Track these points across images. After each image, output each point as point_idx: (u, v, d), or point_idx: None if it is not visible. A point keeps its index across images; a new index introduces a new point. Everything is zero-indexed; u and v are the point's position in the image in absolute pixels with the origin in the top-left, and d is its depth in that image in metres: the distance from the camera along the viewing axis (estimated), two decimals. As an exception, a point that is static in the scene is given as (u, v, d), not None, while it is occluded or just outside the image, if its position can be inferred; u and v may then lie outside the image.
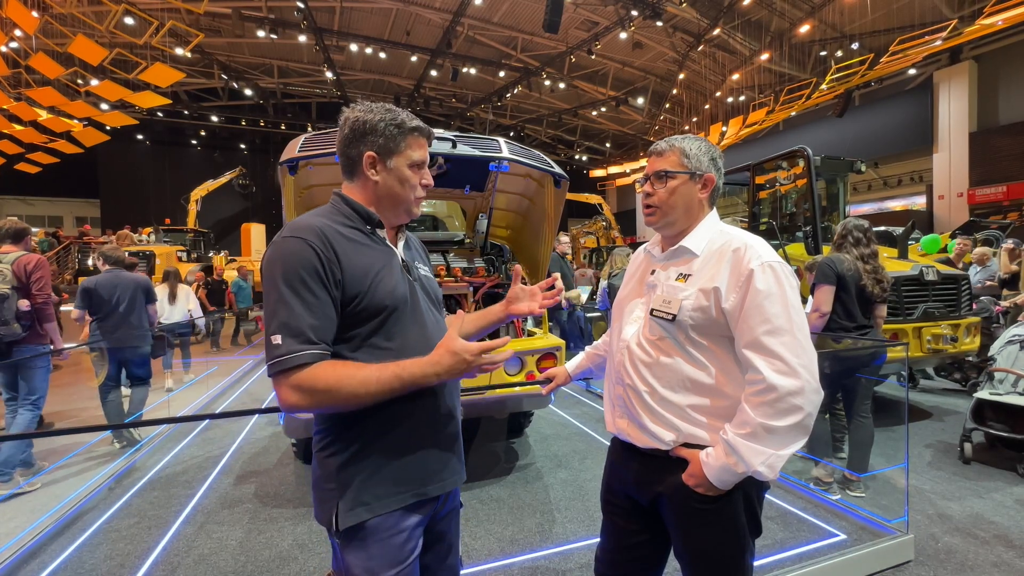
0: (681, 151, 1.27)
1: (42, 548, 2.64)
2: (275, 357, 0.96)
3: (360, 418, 1.06)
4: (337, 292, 1.02)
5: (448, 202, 5.29)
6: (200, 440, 4.34)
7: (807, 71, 15.64)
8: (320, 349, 0.98)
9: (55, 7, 11.12)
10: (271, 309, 0.99)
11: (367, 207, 1.13)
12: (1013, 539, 2.55)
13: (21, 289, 3.34)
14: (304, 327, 0.97)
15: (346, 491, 1.05)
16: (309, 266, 0.99)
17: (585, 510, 2.93)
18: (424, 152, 1.16)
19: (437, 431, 1.15)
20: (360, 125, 1.10)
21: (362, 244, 1.09)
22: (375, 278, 1.06)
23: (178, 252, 13.20)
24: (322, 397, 0.96)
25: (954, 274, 4.41)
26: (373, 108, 1.12)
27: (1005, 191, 12.92)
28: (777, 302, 1.10)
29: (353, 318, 1.05)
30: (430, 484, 1.13)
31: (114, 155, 21.73)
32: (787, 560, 2.37)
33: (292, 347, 0.96)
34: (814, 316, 3.05)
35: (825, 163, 5.27)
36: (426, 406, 1.13)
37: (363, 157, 1.11)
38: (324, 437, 1.10)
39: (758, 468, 1.08)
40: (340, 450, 1.07)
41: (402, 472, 1.09)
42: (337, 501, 1.05)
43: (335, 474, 1.07)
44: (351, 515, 1.05)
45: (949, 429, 4.16)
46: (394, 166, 1.12)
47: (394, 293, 1.08)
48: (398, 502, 1.08)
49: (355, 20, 15.55)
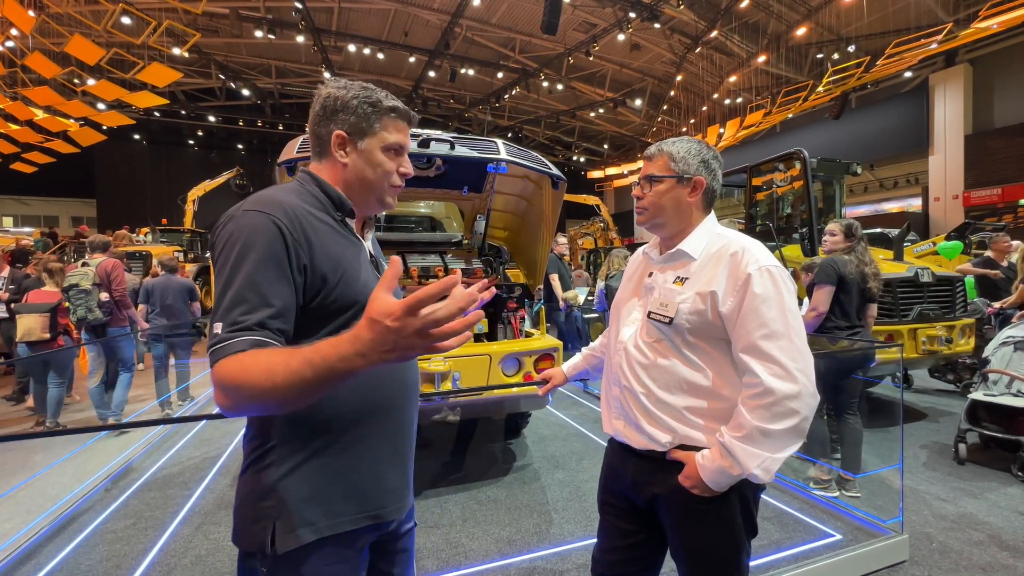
0: (669, 155, 1.28)
1: (38, 549, 2.63)
2: (210, 346, 0.80)
3: (304, 420, 0.91)
4: (300, 278, 0.88)
5: (446, 203, 5.30)
6: (197, 441, 4.33)
7: (804, 73, 15.70)
8: (258, 335, 0.80)
9: (52, 6, 11.08)
10: (220, 290, 0.84)
11: (338, 191, 1.02)
12: (1007, 539, 2.57)
13: (103, 286, 4.47)
14: (251, 312, 0.81)
15: (286, 508, 0.89)
16: (271, 244, 0.85)
17: (582, 511, 2.93)
18: (402, 136, 1.04)
19: (399, 439, 1.02)
20: (332, 102, 0.99)
21: (332, 231, 0.97)
22: (346, 269, 0.94)
23: (175, 252, 13.15)
24: (235, 394, 0.75)
25: (949, 276, 4.44)
26: (349, 85, 1.01)
27: (1000, 193, 12.99)
28: (774, 306, 1.11)
29: (319, 311, 0.91)
30: (389, 505, 0.99)
31: (111, 155, 21.63)
32: (783, 560, 2.39)
33: (225, 335, 0.79)
34: (811, 315, 3.06)
35: (821, 165, 5.30)
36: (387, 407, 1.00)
37: (332, 136, 1.00)
38: (260, 446, 0.93)
39: (754, 471, 1.09)
40: (280, 460, 0.91)
41: (356, 488, 0.95)
42: (275, 520, 0.89)
43: (273, 489, 0.90)
44: (292, 536, 0.88)
45: (944, 430, 4.19)
46: (365, 148, 1.00)
47: (365, 288, 0.95)
48: (350, 523, 0.93)
49: (353, 20, 15.53)
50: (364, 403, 0.96)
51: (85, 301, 4.40)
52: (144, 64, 10.30)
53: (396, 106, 1.03)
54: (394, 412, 1.01)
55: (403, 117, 1.04)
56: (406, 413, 1.04)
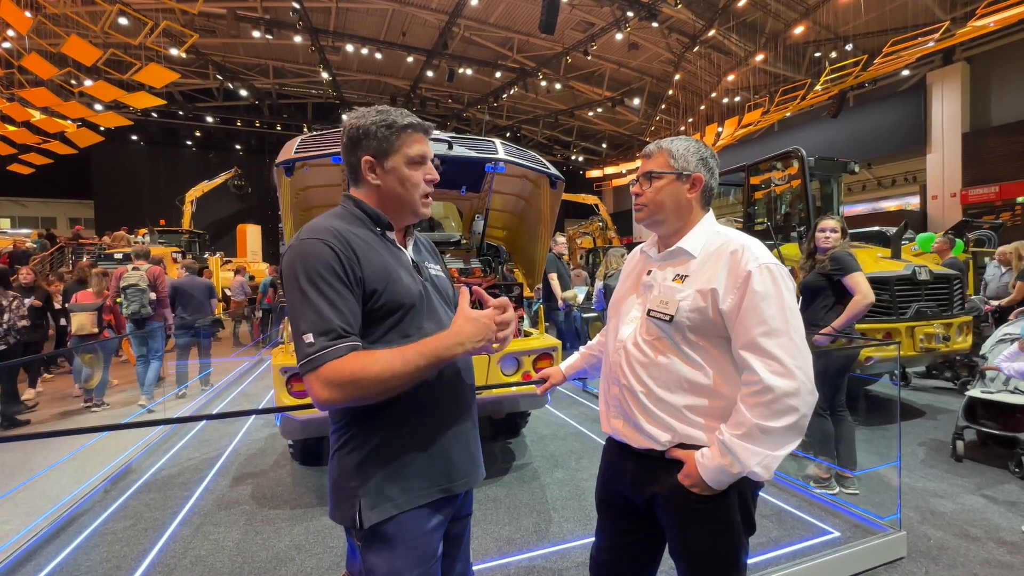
0: (668, 152, 1.28)
1: (37, 551, 2.63)
2: (307, 355, 0.96)
3: (378, 411, 1.05)
4: (359, 289, 1.03)
5: (444, 203, 5.29)
6: (196, 441, 4.32)
7: (802, 72, 15.72)
8: (352, 341, 0.98)
9: (48, 7, 11.04)
10: (297, 309, 1.00)
11: (375, 208, 1.14)
12: (1004, 536, 2.58)
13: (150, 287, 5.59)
14: (333, 323, 0.97)
15: (369, 487, 1.04)
16: (329, 264, 1.00)
17: (581, 509, 2.94)
18: (422, 146, 1.15)
19: (458, 424, 1.15)
20: (355, 132, 1.12)
21: (374, 244, 1.10)
22: (391, 276, 1.08)
23: (173, 253, 13.13)
24: (351, 387, 0.95)
25: (946, 274, 4.45)
26: (366, 113, 1.13)
27: (998, 191, 13.02)
28: (774, 304, 1.12)
29: (372, 315, 1.06)
30: (456, 479, 1.12)
31: (108, 156, 21.57)
32: (782, 558, 2.39)
33: (324, 343, 0.96)
34: (865, 303, 2.92)
35: (819, 164, 5.31)
36: (443, 398, 1.13)
37: (362, 162, 1.12)
38: (342, 434, 1.09)
39: (754, 468, 1.09)
40: (360, 445, 1.06)
41: (428, 466, 1.08)
42: (360, 498, 1.04)
43: (356, 470, 1.05)
44: (376, 511, 1.03)
45: (942, 427, 4.20)
46: (392, 166, 1.12)
47: (410, 291, 1.10)
48: (424, 497, 1.07)
49: (351, 21, 15.52)
50: (428, 393, 1.09)
51: (140, 298, 5.50)
52: (141, 65, 10.28)
53: (411, 122, 1.14)
54: (454, 398, 1.15)
55: (419, 130, 1.15)
56: (464, 398, 1.18)
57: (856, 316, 2.97)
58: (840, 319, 2.97)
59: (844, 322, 2.96)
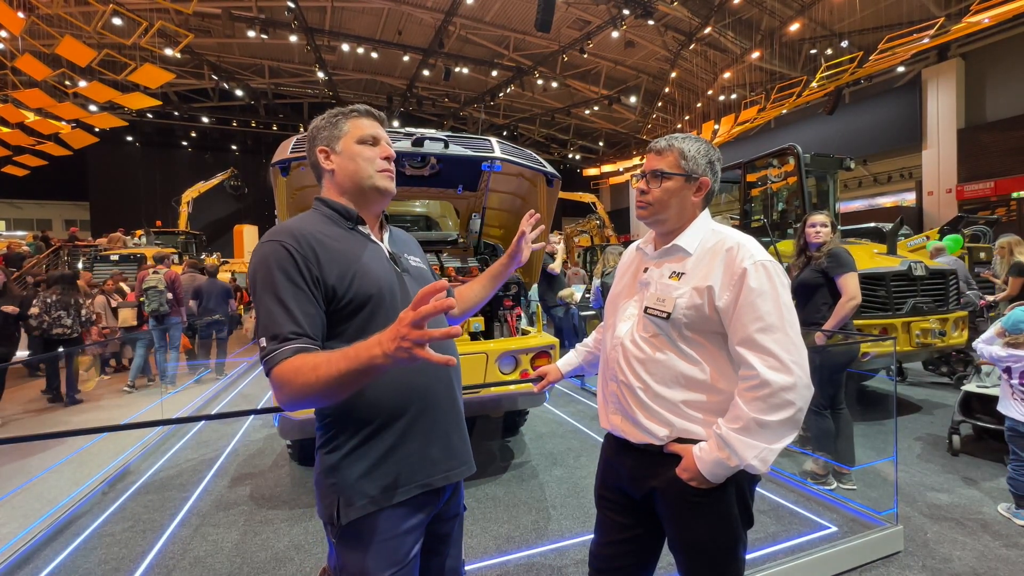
0: (680, 152, 1.27)
1: (35, 553, 2.62)
2: (261, 358, 0.98)
3: (357, 409, 1.06)
4: (318, 289, 1.03)
5: (441, 202, 5.29)
6: (195, 442, 4.32)
7: (798, 69, 15.73)
8: (300, 343, 0.96)
9: (41, 8, 10.98)
10: (257, 312, 1.02)
11: (342, 203, 1.16)
12: (1000, 529, 2.60)
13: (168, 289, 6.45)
14: (283, 326, 0.97)
15: (347, 484, 1.05)
16: (284, 266, 1.01)
17: (580, 507, 2.95)
18: (371, 128, 1.17)
19: (439, 420, 1.15)
20: (310, 133, 1.19)
21: (343, 239, 1.11)
22: (357, 269, 1.07)
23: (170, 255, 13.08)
24: (288, 389, 0.92)
25: (942, 269, 4.47)
26: (322, 115, 1.19)
27: (993, 187, 13.07)
28: (769, 300, 1.13)
29: (340, 313, 1.06)
30: (435, 474, 1.12)
31: (103, 157, 21.45)
32: (780, 552, 2.40)
33: (273, 346, 0.97)
34: (851, 305, 2.95)
35: (815, 160, 5.32)
36: (424, 395, 1.12)
37: (318, 154, 1.17)
38: (324, 432, 1.10)
39: (751, 462, 1.10)
40: (340, 444, 1.07)
41: (406, 462, 1.09)
42: (338, 495, 1.05)
43: (336, 468, 1.07)
44: (353, 509, 1.04)
45: (938, 422, 4.22)
46: (342, 148, 1.16)
47: (379, 283, 1.09)
48: (403, 494, 1.08)
49: (346, 20, 15.47)
50: (403, 393, 1.10)
51: (159, 298, 6.35)
52: (136, 65, 10.22)
53: (357, 108, 1.18)
54: (430, 397, 1.14)
55: (366, 115, 1.19)
56: (442, 397, 1.16)
57: (844, 318, 2.99)
58: (829, 323, 3.00)
59: (834, 325, 2.99)
